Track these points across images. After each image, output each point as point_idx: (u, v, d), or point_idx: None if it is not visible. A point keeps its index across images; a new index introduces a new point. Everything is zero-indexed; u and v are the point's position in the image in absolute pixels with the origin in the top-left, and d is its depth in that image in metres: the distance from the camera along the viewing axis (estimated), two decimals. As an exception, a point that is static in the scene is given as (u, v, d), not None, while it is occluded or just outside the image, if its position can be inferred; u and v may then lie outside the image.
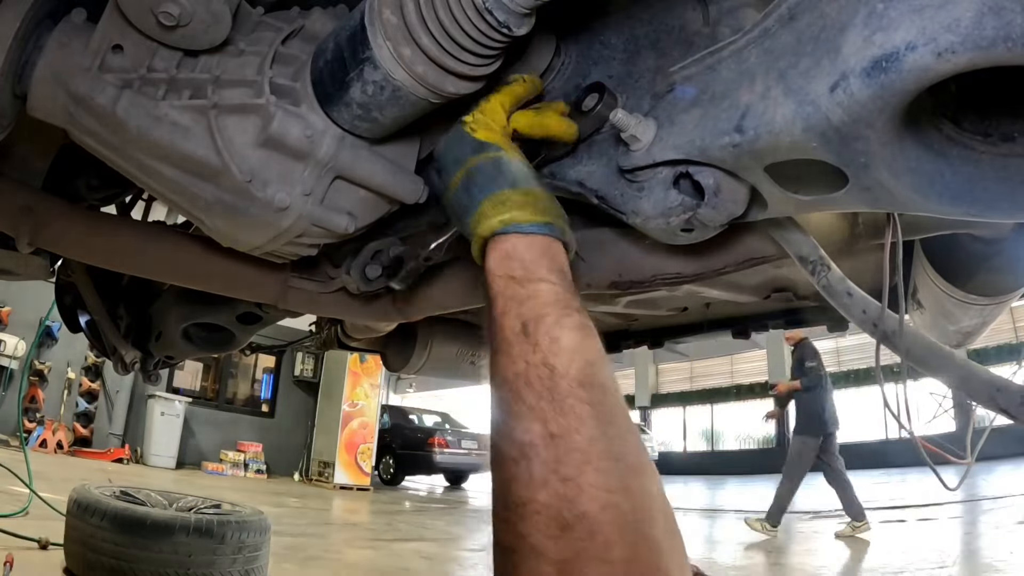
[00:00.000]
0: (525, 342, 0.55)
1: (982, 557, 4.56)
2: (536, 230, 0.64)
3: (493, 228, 0.64)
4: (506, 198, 0.65)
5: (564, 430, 0.49)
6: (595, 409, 0.51)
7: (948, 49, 0.42)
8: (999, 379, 0.65)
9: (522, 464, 0.49)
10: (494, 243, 0.64)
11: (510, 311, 0.58)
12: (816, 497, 7.68)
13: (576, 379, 0.52)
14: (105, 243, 1.21)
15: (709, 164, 0.63)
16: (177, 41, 0.78)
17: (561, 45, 0.83)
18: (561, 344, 0.54)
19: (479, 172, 0.69)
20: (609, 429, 0.50)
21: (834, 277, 0.76)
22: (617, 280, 0.98)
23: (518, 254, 0.62)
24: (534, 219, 0.64)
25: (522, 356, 0.54)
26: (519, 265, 0.61)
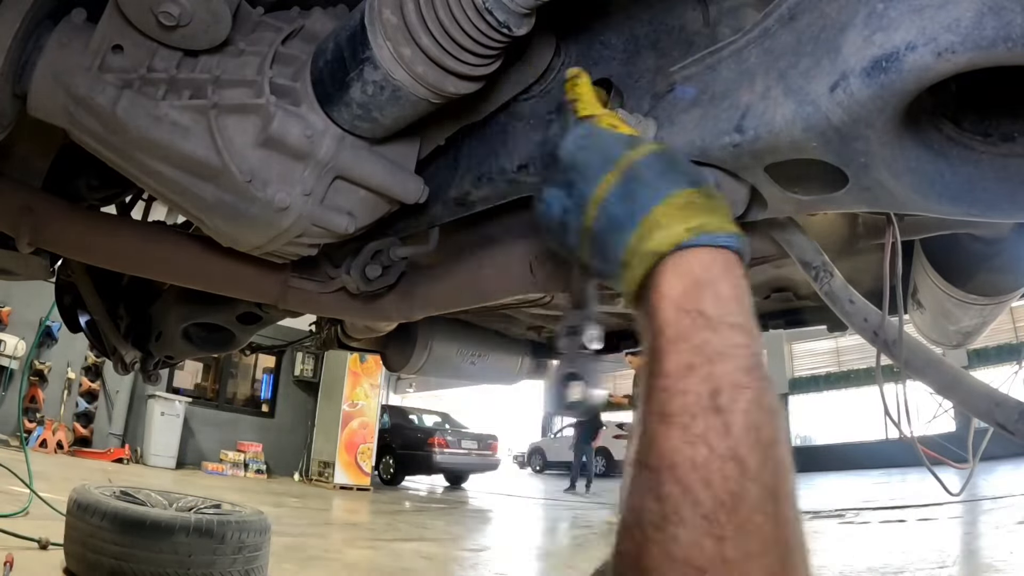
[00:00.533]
0: (714, 419, 0.40)
1: (982, 557, 4.56)
2: (732, 243, 0.48)
3: (676, 239, 0.47)
4: (690, 200, 0.49)
5: (743, 556, 0.37)
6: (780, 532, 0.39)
7: (948, 49, 0.42)
8: (997, 394, 0.65)
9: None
10: (674, 263, 0.47)
11: (697, 369, 0.42)
12: (816, 497, 7.68)
13: (768, 487, 0.39)
14: (105, 243, 1.21)
15: (709, 164, 0.63)
16: (177, 41, 0.78)
17: (561, 45, 0.82)
18: (761, 434, 0.40)
19: (645, 168, 0.52)
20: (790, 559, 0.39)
21: (837, 284, 0.76)
22: (617, 280, 0.98)
23: (713, 279, 0.46)
24: (728, 228, 0.48)
25: (705, 439, 0.40)
26: (713, 298, 0.45)
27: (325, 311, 1.48)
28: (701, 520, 0.38)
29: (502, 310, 1.70)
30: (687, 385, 0.42)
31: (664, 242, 0.48)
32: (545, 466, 19.71)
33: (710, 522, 0.38)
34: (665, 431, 0.42)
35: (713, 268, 0.46)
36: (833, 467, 14.37)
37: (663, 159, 0.53)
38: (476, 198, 0.93)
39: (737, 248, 0.48)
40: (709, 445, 0.40)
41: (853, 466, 13.45)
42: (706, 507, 0.38)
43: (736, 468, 0.39)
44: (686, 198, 0.49)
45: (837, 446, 15.40)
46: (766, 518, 0.38)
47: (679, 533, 0.38)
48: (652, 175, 0.52)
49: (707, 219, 0.48)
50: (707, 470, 0.39)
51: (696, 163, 0.64)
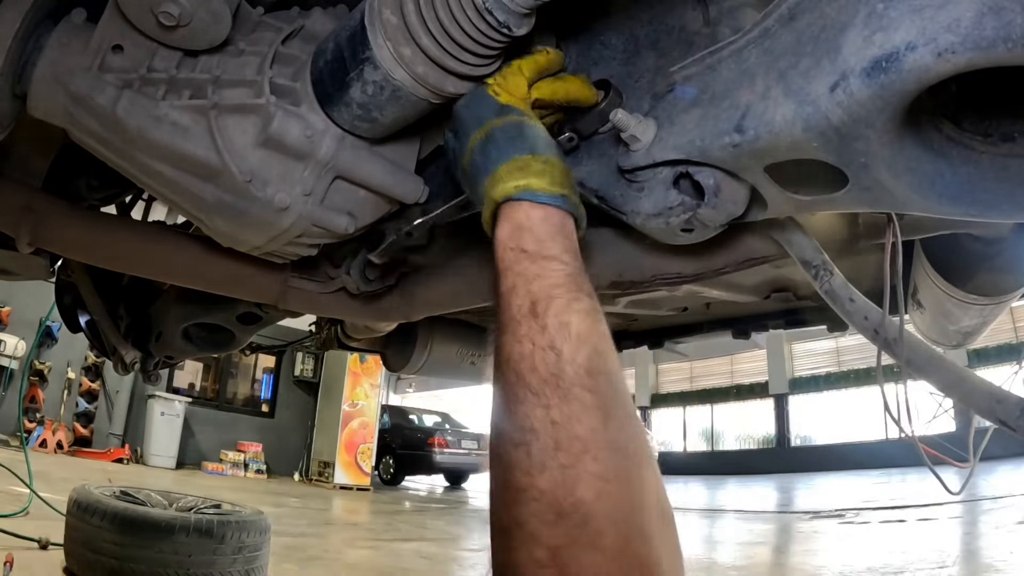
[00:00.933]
0: (533, 323, 0.53)
1: (982, 557, 4.56)
2: (552, 201, 0.61)
3: (507, 193, 0.62)
4: (524, 164, 0.63)
5: (566, 418, 0.49)
6: (599, 398, 0.50)
7: (948, 49, 0.42)
8: (999, 391, 0.65)
9: (522, 449, 0.49)
10: (507, 211, 0.62)
11: (519, 288, 0.56)
12: (816, 497, 7.68)
13: (583, 366, 0.51)
14: (105, 243, 1.21)
15: (709, 164, 0.63)
16: (177, 41, 0.78)
17: (561, 45, 0.82)
18: (571, 329, 0.52)
19: (500, 133, 0.66)
20: (611, 419, 0.50)
21: (837, 282, 0.76)
22: (617, 280, 0.98)
23: (531, 226, 0.60)
24: (551, 189, 0.62)
25: (529, 337, 0.53)
26: (532, 238, 0.59)
27: (325, 311, 1.48)
28: (531, 395, 0.50)
29: (502, 310, 1.69)
30: (512, 300, 0.56)
31: (499, 193, 0.62)
32: None
33: (537, 395, 0.50)
34: (502, 337, 0.55)
35: (532, 216, 0.61)
36: (833, 467, 14.37)
37: (516, 128, 0.67)
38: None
39: (556, 204, 0.61)
40: (532, 341, 0.52)
41: (853, 466, 13.45)
42: (533, 385, 0.51)
43: (553, 355, 0.51)
44: (523, 162, 0.63)
45: (837, 446, 15.39)
46: (582, 388, 0.50)
47: (518, 407, 0.51)
48: (503, 139, 0.66)
49: (533, 180, 0.62)
50: (532, 359, 0.52)
51: (696, 163, 0.64)
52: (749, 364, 19.39)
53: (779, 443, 18.52)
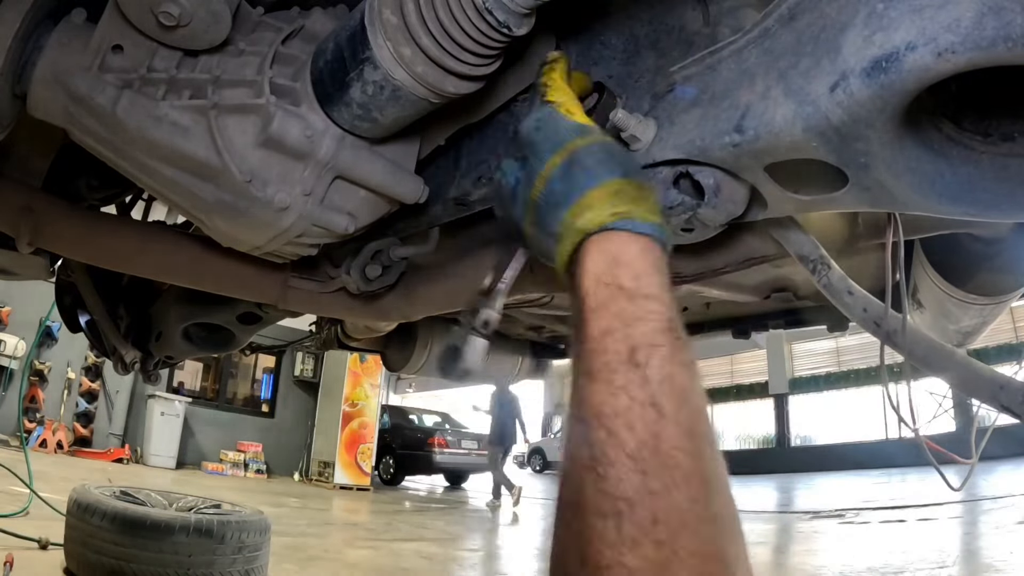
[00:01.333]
0: (633, 373, 0.47)
1: (982, 557, 4.56)
2: (653, 232, 0.54)
3: (602, 221, 0.54)
4: (620, 188, 0.56)
5: (665, 487, 0.43)
6: (700, 464, 0.44)
7: (948, 49, 0.42)
8: (1001, 377, 0.65)
9: (611, 521, 0.42)
10: (600, 242, 0.55)
11: (616, 331, 0.49)
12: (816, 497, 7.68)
13: (684, 427, 0.45)
14: (105, 243, 1.21)
15: (709, 164, 0.63)
16: (177, 41, 0.78)
17: (561, 45, 0.82)
18: (675, 384, 0.47)
19: (587, 155, 0.59)
20: (710, 487, 0.44)
21: (835, 276, 0.76)
22: (617, 280, 0.98)
23: (630, 259, 0.53)
24: (651, 218, 0.55)
25: (626, 390, 0.46)
26: (630, 274, 0.52)
27: (325, 311, 1.48)
28: (626, 459, 0.44)
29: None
30: (607, 345, 0.49)
31: (592, 222, 0.55)
32: (545, 466, 19.69)
33: (634, 460, 0.43)
34: (591, 386, 0.48)
35: (631, 249, 0.54)
36: (833, 467, 14.36)
37: (604, 149, 0.59)
38: (476, 198, 0.93)
39: (656, 235, 0.55)
40: (629, 395, 0.46)
41: (853, 466, 13.45)
42: (630, 447, 0.44)
43: (654, 412, 0.45)
44: (617, 186, 0.56)
45: (837, 446, 15.39)
46: (684, 453, 0.44)
47: (608, 471, 0.44)
48: (592, 162, 0.58)
49: (631, 207, 0.55)
50: (629, 416, 0.45)
51: (696, 163, 0.64)
52: (749, 364, 19.39)
53: (779, 443, 18.51)
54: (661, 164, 0.67)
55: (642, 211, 0.55)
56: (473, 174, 0.92)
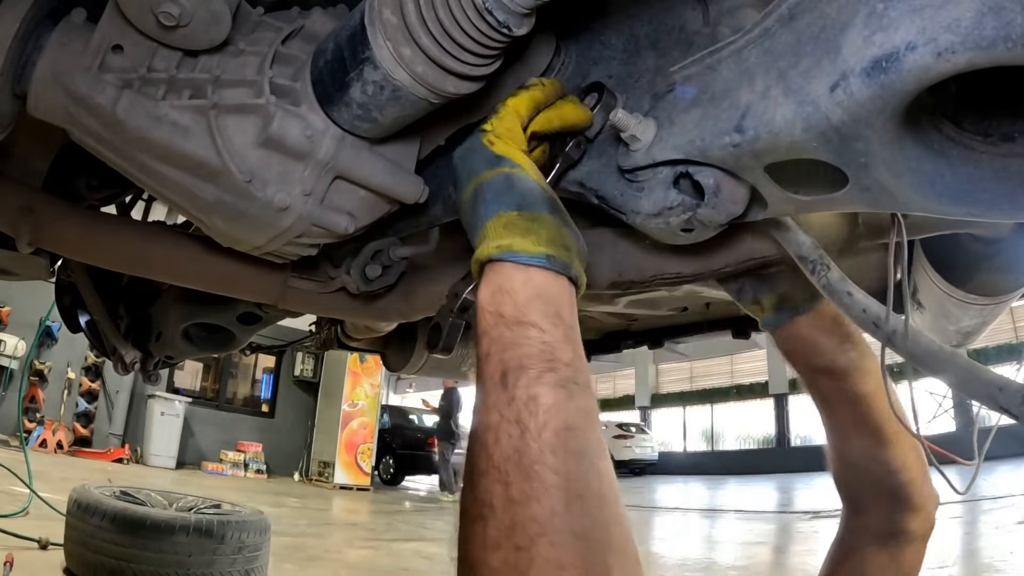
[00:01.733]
0: (502, 393, 0.51)
1: (982, 557, 4.56)
2: (534, 262, 0.58)
3: (488, 253, 0.59)
4: (510, 221, 0.60)
5: (524, 496, 0.46)
6: (563, 479, 0.47)
7: (948, 49, 0.42)
8: (1000, 378, 0.65)
9: (479, 524, 0.47)
10: (489, 272, 0.59)
11: (493, 355, 0.54)
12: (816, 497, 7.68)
13: (548, 444, 0.48)
14: (105, 243, 1.21)
15: (709, 164, 0.63)
16: (177, 41, 0.78)
17: (561, 45, 0.82)
18: (539, 402, 0.50)
19: (488, 188, 0.63)
20: (576, 503, 0.47)
21: (834, 276, 0.76)
22: (617, 280, 0.98)
23: (511, 288, 0.57)
24: (534, 250, 0.58)
25: (496, 408, 0.51)
26: (510, 302, 0.56)
27: (325, 311, 1.48)
28: (493, 469, 0.48)
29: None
30: (486, 367, 0.54)
31: (484, 253, 0.60)
32: None
33: (499, 471, 0.48)
34: (476, 402, 0.53)
35: (514, 279, 0.57)
36: (833, 467, 14.34)
37: (504, 183, 0.63)
38: (476, 198, 0.93)
39: (539, 265, 0.58)
40: (499, 412, 0.50)
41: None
42: (495, 459, 0.49)
43: (518, 429, 0.49)
44: (507, 219, 0.60)
45: (837, 446, 15.36)
46: (547, 468, 0.47)
47: (479, 480, 0.49)
48: (491, 195, 0.63)
49: (516, 240, 0.59)
50: (496, 432, 0.50)
51: (696, 163, 0.64)
52: (749, 364, 19.39)
53: (779, 443, 18.53)
54: (661, 164, 0.67)
55: (528, 243, 0.58)
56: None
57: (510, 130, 0.68)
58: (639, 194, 0.70)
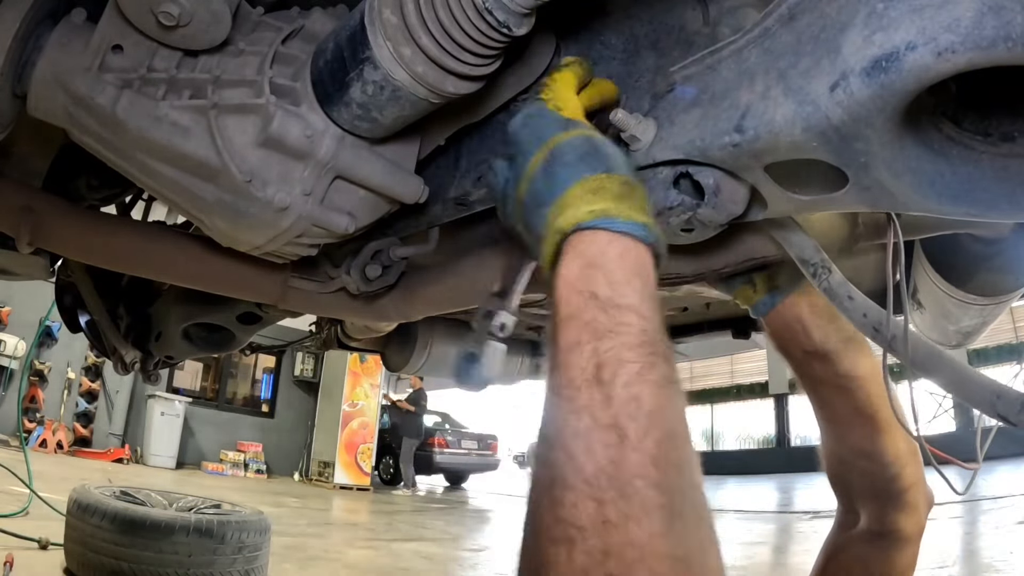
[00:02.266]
0: (596, 392, 0.43)
1: (982, 557, 4.56)
2: (635, 231, 0.50)
3: (578, 219, 0.50)
4: (600, 184, 0.52)
5: (622, 517, 0.39)
6: (665, 496, 0.40)
7: (948, 49, 0.42)
8: (998, 385, 0.65)
9: (562, 548, 0.39)
10: (576, 243, 0.50)
11: (584, 345, 0.45)
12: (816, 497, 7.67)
13: (650, 455, 0.41)
14: (105, 243, 1.21)
15: (709, 164, 0.63)
16: (177, 41, 0.78)
17: (561, 45, 0.82)
18: (642, 405, 0.43)
19: (570, 149, 0.55)
20: (677, 523, 0.40)
21: (835, 280, 0.76)
22: (617, 280, 0.98)
23: (606, 264, 0.49)
24: (634, 216, 0.51)
25: (589, 410, 0.43)
26: (605, 280, 0.48)
27: (325, 311, 1.48)
28: (583, 484, 0.40)
29: (502, 310, 1.69)
30: (574, 359, 0.45)
31: (569, 220, 0.51)
32: None
33: (591, 486, 0.40)
34: (555, 402, 0.45)
35: (609, 251, 0.49)
36: (833, 467, 14.35)
37: (586, 144, 0.56)
38: (476, 198, 0.93)
39: (640, 236, 0.50)
40: (592, 415, 0.42)
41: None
42: (587, 472, 0.40)
43: (615, 436, 0.41)
44: (597, 183, 0.52)
45: (837, 446, 15.38)
46: (647, 483, 0.40)
47: (564, 495, 0.40)
48: (573, 157, 0.55)
49: (611, 204, 0.50)
50: (589, 439, 0.42)
51: (696, 163, 0.64)
52: (749, 364, 19.38)
53: (779, 443, 18.52)
54: (661, 164, 0.67)
55: (624, 208, 0.51)
56: (473, 174, 0.93)
57: (568, 100, 0.63)
58: (639, 194, 0.70)
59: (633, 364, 0.44)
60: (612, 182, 0.52)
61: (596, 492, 0.40)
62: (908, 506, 0.90)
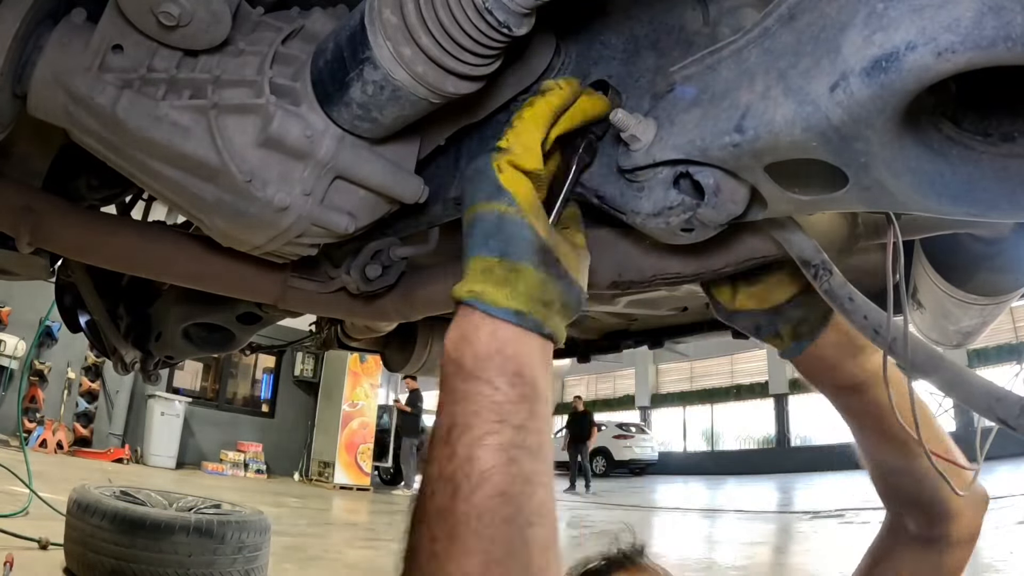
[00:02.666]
0: (444, 447, 0.51)
1: (982, 557, 4.56)
2: (503, 316, 0.55)
3: (462, 296, 0.57)
4: (488, 267, 0.57)
5: (446, 554, 0.47)
6: (488, 545, 0.47)
7: (948, 49, 0.42)
8: (998, 389, 0.65)
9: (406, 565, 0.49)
10: (460, 314, 0.57)
11: (444, 406, 0.53)
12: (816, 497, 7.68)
13: (477, 508, 0.48)
14: (105, 243, 1.21)
15: (709, 164, 0.63)
16: (177, 41, 0.78)
17: (561, 45, 0.82)
18: (475, 464, 0.49)
19: (479, 224, 0.60)
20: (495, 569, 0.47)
21: (836, 282, 0.76)
22: (617, 280, 0.98)
23: (475, 340, 0.55)
24: (507, 304, 0.56)
25: (437, 461, 0.51)
26: (470, 354, 0.54)
27: (325, 311, 1.48)
28: (422, 521, 0.50)
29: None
30: (438, 418, 0.53)
31: (459, 292, 0.57)
32: (610, 466, 19.50)
33: (430, 523, 0.49)
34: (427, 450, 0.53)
35: (480, 329, 0.55)
36: (833, 467, 14.36)
37: (494, 222, 0.60)
38: (476, 198, 0.93)
39: (508, 320, 0.56)
40: (439, 466, 0.50)
41: (853, 466, 13.38)
42: (428, 512, 0.50)
43: (450, 488, 0.49)
44: (487, 265, 0.58)
45: (837, 446, 15.38)
46: (469, 532, 0.47)
47: (412, 525, 0.51)
48: (479, 233, 0.60)
49: (490, 289, 0.56)
50: (432, 486, 0.50)
51: (696, 163, 0.64)
52: (749, 364, 19.41)
53: (779, 443, 18.54)
54: (661, 164, 0.67)
55: (500, 295, 0.56)
56: (473, 174, 0.92)
57: (527, 147, 0.63)
58: (639, 194, 0.70)
59: (476, 429, 0.51)
60: (500, 267, 0.57)
61: (432, 529, 0.49)
62: (954, 513, 0.91)
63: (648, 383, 21.88)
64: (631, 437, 18.75)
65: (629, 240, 0.93)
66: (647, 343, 1.94)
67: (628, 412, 22.02)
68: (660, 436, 20.85)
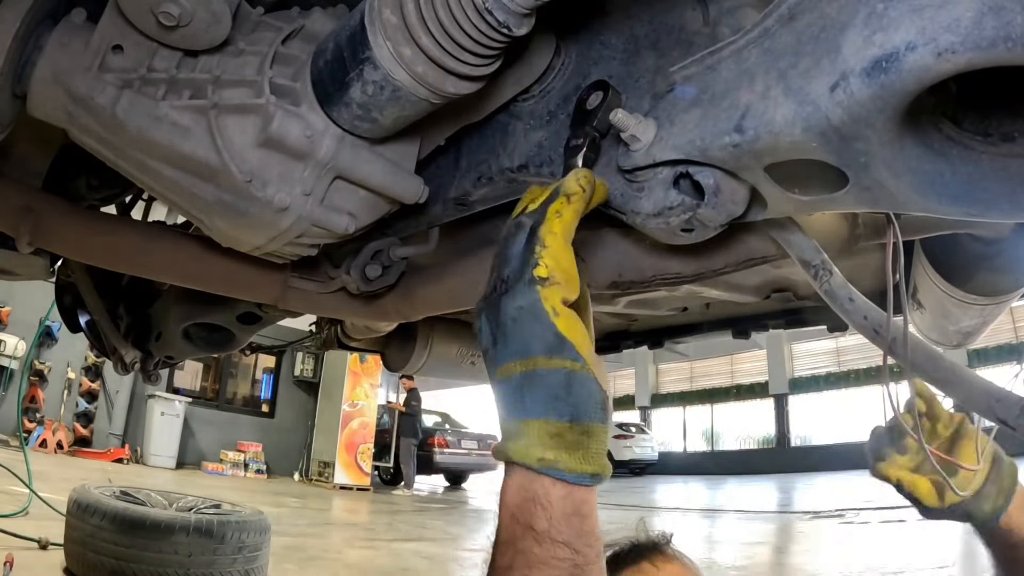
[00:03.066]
0: None
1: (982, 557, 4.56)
2: (578, 481, 0.53)
3: (528, 462, 0.53)
4: (559, 432, 0.53)
5: None
6: None
7: (948, 49, 0.42)
8: (998, 389, 0.65)
9: None
10: (523, 476, 0.54)
11: (515, 571, 0.51)
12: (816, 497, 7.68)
13: None
14: (105, 243, 1.21)
15: (709, 164, 0.63)
16: (177, 41, 0.78)
17: (561, 45, 0.82)
18: None
19: (542, 382, 0.54)
20: None
21: (836, 282, 0.76)
22: (617, 280, 0.98)
23: (548, 503, 0.52)
24: (581, 468, 0.53)
25: None
26: (544, 517, 0.52)
27: (325, 311, 1.48)
28: None
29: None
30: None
31: (521, 455, 0.54)
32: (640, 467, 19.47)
33: None
34: None
35: (552, 492, 0.53)
36: (833, 467, 14.38)
37: (563, 383, 0.54)
38: (476, 198, 0.93)
39: (587, 485, 0.54)
40: None
41: (853, 466, 13.46)
42: None
43: None
44: (558, 430, 0.53)
45: (837, 446, 15.40)
46: None
47: None
48: (544, 392, 0.54)
49: (562, 455, 0.53)
50: None
51: (696, 163, 0.64)
52: (749, 364, 19.41)
53: (779, 443, 18.53)
54: (661, 164, 0.67)
55: (574, 461, 0.53)
56: (473, 174, 0.92)
57: (569, 275, 0.57)
58: (639, 194, 0.70)
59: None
60: (572, 432, 0.54)
61: None
62: None
63: (648, 383, 21.87)
64: (631, 437, 18.74)
65: (629, 240, 0.93)
66: (647, 343, 1.94)
67: (628, 412, 22.01)
68: (660, 436, 20.84)
